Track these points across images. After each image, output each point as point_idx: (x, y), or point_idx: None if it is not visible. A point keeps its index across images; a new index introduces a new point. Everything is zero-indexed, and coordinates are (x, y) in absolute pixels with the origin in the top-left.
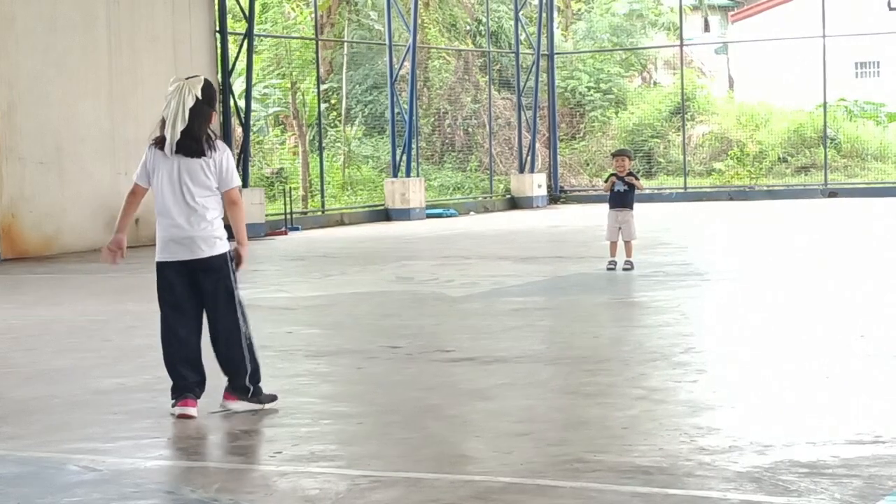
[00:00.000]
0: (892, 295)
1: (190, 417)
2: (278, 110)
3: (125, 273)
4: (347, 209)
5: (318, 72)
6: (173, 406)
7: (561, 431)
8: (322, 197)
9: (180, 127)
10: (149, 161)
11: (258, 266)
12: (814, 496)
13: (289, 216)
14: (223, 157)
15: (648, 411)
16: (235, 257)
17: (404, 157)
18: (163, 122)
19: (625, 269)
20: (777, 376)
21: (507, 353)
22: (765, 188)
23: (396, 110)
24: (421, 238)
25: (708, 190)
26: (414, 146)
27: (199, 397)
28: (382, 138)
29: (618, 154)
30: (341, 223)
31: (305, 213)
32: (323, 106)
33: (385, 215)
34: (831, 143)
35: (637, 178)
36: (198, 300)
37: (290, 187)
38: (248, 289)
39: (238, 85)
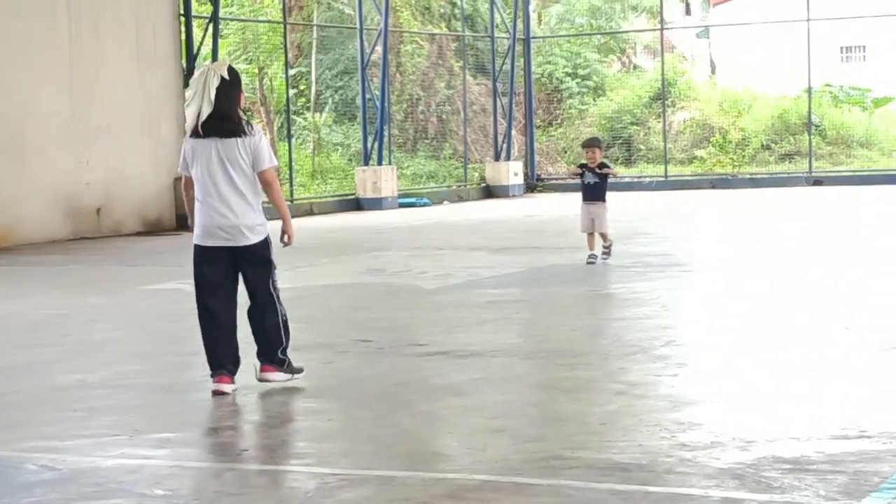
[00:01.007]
0: (877, 284)
1: (224, 394)
2: (245, 96)
3: (86, 265)
4: (317, 199)
5: (286, 56)
6: (212, 380)
7: (537, 427)
8: (291, 186)
9: (207, 109)
10: (187, 151)
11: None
12: (798, 493)
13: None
14: (258, 138)
15: (628, 406)
16: (284, 235)
17: (376, 145)
18: (189, 108)
19: (593, 262)
20: (760, 369)
21: (482, 347)
22: (748, 176)
23: (368, 96)
24: (393, 228)
25: (689, 178)
26: (386, 133)
27: (233, 374)
28: (353, 125)
29: (588, 145)
30: (311, 213)
31: None
32: (291, 92)
33: (356, 205)
34: (816, 129)
35: (610, 167)
36: (234, 279)
37: None
38: None
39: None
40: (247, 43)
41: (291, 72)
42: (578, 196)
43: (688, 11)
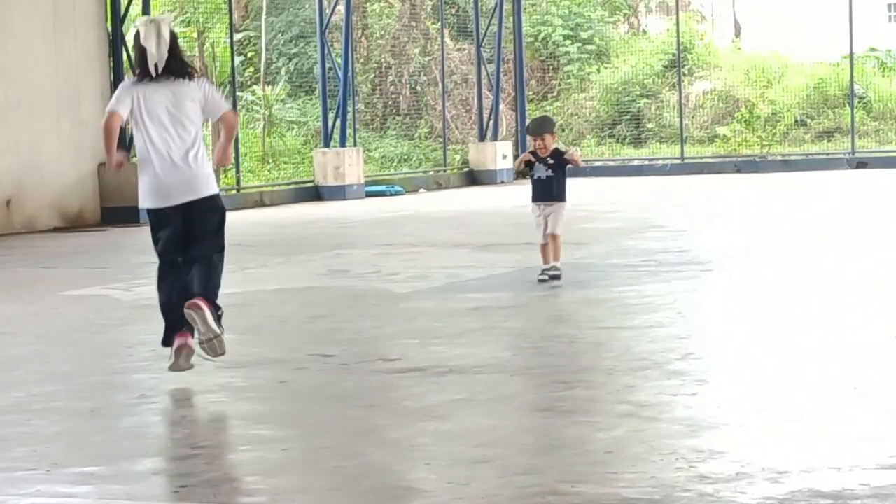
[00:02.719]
0: None
1: (190, 348)
2: None
3: None
4: (268, 187)
5: (230, 18)
6: (170, 345)
7: (530, 457)
8: (237, 172)
9: (164, 48)
10: (134, 96)
11: (156, 258)
12: None
13: None
14: (205, 84)
15: (637, 431)
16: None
17: (338, 123)
18: (141, 50)
19: (546, 279)
20: (793, 387)
21: (465, 362)
22: (779, 157)
23: (328, 65)
24: (359, 221)
25: (710, 160)
26: (350, 109)
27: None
28: (311, 100)
29: (535, 130)
30: (261, 204)
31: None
32: (237, 60)
33: (315, 194)
34: (859, 102)
35: (567, 154)
36: (188, 234)
37: None
38: (144, 286)
39: (132, 36)
40: (184, 2)
41: (237, 36)
42: (578, 182)
43: None
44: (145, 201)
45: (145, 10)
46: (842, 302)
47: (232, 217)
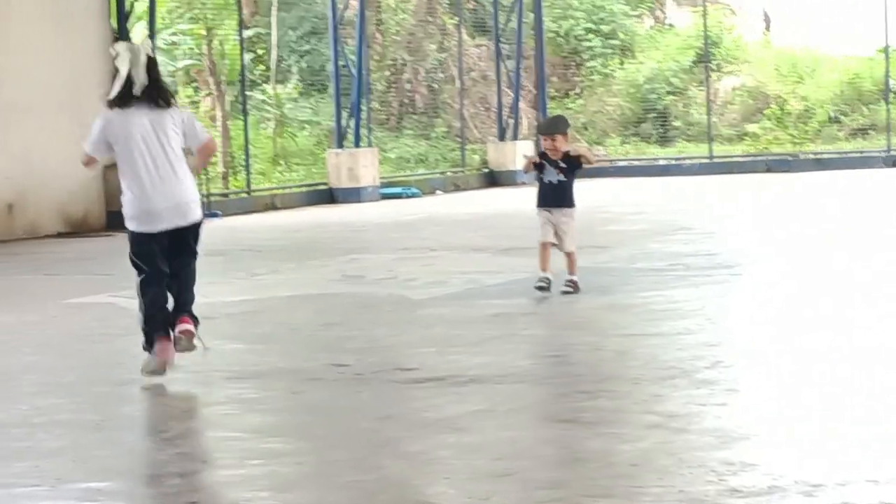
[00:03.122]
0: None
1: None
2: (190, 63)
3: None
4: (280, 190)
5: (240, 14)
6: (152, 347)
7: (552, 470)
8: (247, 174)
9: (143, 73)
10: (108, 126)
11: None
12: None
13: (204, 199)
14: (185, 112)
15: (664, 443)
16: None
17: (352, 123)
18: (119, 75)
19: (564, 292)
20: (828, 396)
21: (484, 371)
22: (811, 156)
23: (341, 62)
24: (374, 225)
25: (740, 159)
26: (364, 108)
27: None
28: (324, 98)
29: (547, 130)
30: (272, 207)
31: (226, 195)
32: (247, 58)
33: (328, 196)
34: (895, 97)
35: (581, 157)
36: (172, 249)
37: None
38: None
39: (138, 32)
40: None
41: (247, 33)
42: (601, 182)
43: None
44: (132, 224)
45: (152, 6)
46: (883, 306)
47: (242, 221)
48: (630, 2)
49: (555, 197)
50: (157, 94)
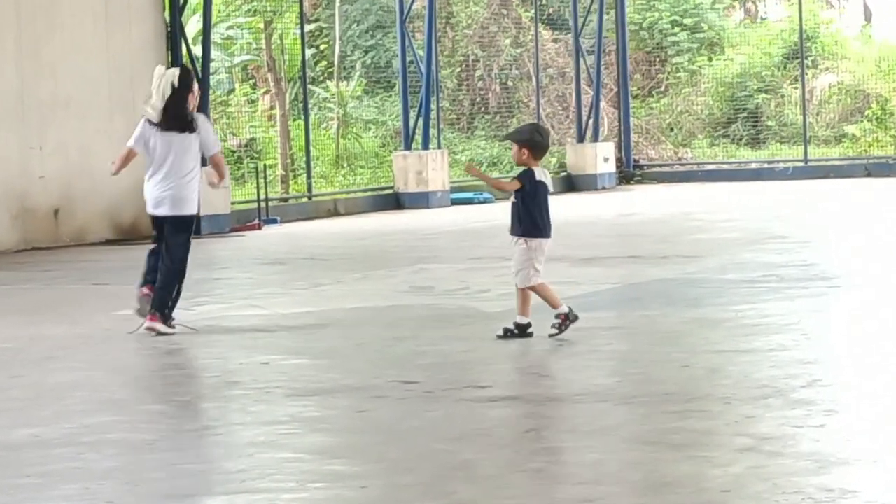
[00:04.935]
0: None
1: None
2: (248, 59)
3: (40, 284)
4: (343, 194)
5: (300, 7)
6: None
7: (638, 496)
8: (308, 178)
9: (160, 103)
10: (146, 132)
11: (221, 273)
12: None
13: (263, 204)
14: (203, 127)
15: (758, 468)
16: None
17: (420, 123)
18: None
19: (552, 331)
20: None
21: (564, 390)
22: None
23: (409, 58)
24: (444, 232)
25: (837, 163)
26: (433, 107)
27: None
28: (390, 97)
29: (505, 136)
30: (335, 213)
31: (286, 199)
32: (308, 53)
33: (395, 202)
34: None
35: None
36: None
37: (265, 165)
38: (210, 304)
39: (193, 25)
40: None
41: (308, 27)
42: (685, 187)
43: None
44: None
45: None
46: None
47: (303, 227)
48: None
49: (511, 220)
50: (178, 123)
